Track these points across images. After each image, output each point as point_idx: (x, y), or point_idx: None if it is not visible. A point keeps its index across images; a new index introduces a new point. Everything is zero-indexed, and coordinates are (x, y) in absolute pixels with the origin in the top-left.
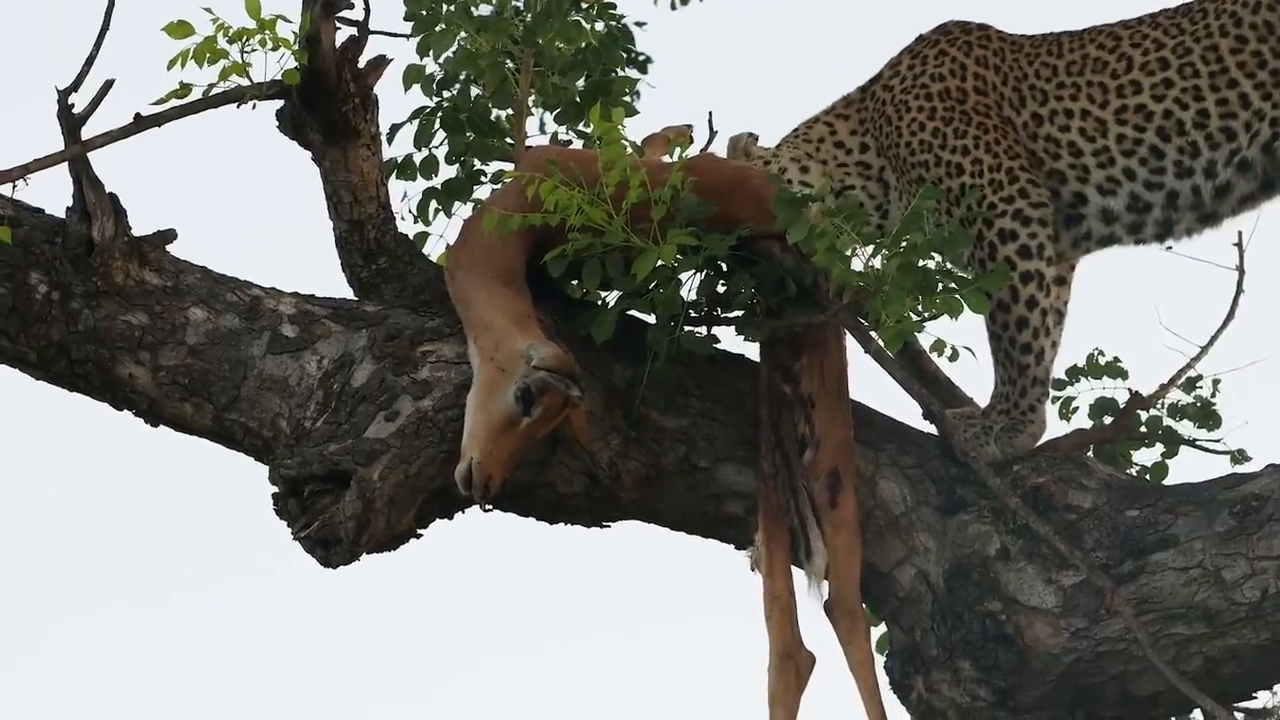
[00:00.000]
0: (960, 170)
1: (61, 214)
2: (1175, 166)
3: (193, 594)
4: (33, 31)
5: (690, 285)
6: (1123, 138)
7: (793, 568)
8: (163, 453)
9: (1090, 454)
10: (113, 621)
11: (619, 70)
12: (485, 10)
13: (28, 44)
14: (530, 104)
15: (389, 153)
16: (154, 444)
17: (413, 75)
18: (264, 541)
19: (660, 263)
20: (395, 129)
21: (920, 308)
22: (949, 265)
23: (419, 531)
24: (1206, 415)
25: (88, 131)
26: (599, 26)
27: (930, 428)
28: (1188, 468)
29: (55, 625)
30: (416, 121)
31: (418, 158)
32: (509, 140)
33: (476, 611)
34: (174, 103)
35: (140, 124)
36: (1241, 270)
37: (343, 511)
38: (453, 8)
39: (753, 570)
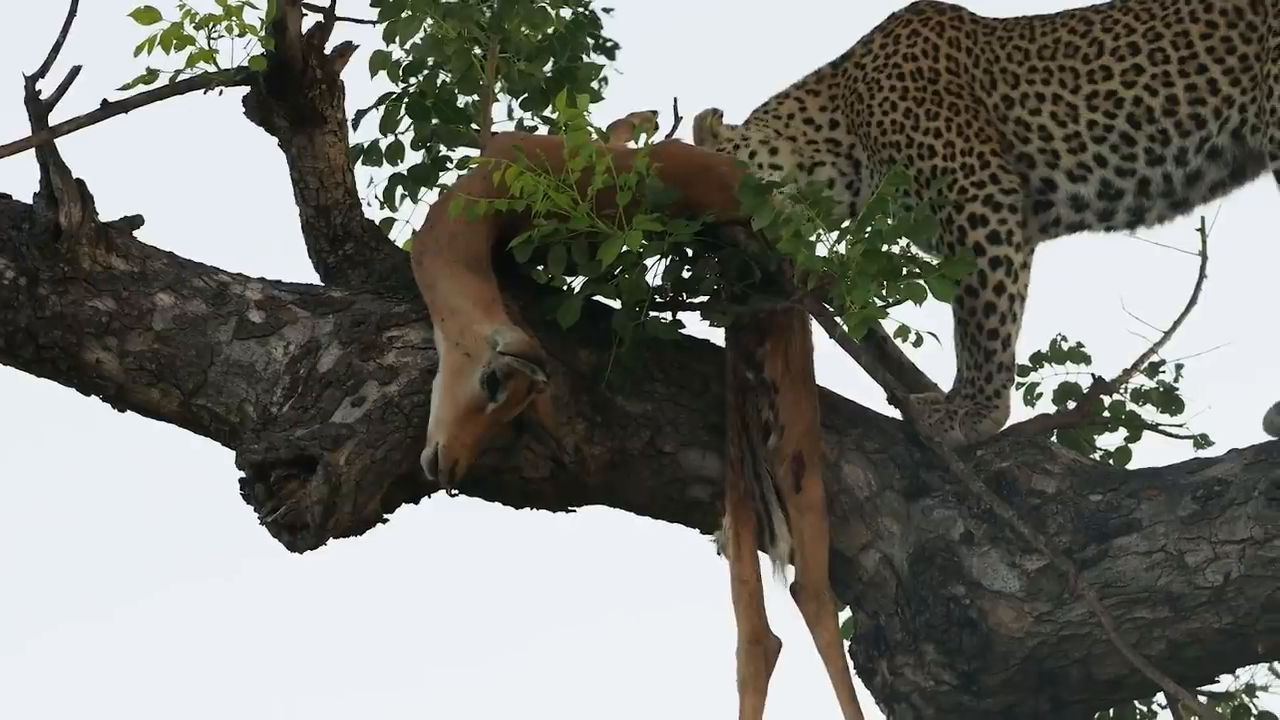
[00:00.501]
0: (932, 152)
1: (29, 199)
2: (1147, 154)
3: (159, 578)
4: None
5: (655, 271)
6: (1094, 123)
7: (759, 552)
8: (130, 440)
9: (1054, 439)
10: (85, 615)
11: (585, 56)
12: None
13: None
14: (496, 90)
15: (355, 138)
16: (121, 431)
17: (379, 61)
18: (231, 527)
19: (626, 248)
20: (361, 115)
21: (885, 294)
22: (914, 251)
23: (385, 516)
24: (1169, 400)
25: (55, 117)
26: (565, 13)
27: (895, 413)
28: (1151, 452)
29: (32, 623)
30: (383, 107)
31: (384, 143)
32: (475, 126)
33: (442, 596)
34: (141, 89)
35: (107, 110)
36: (1204, 256)
37: (309, 496)
38: None
39: (719, 555)
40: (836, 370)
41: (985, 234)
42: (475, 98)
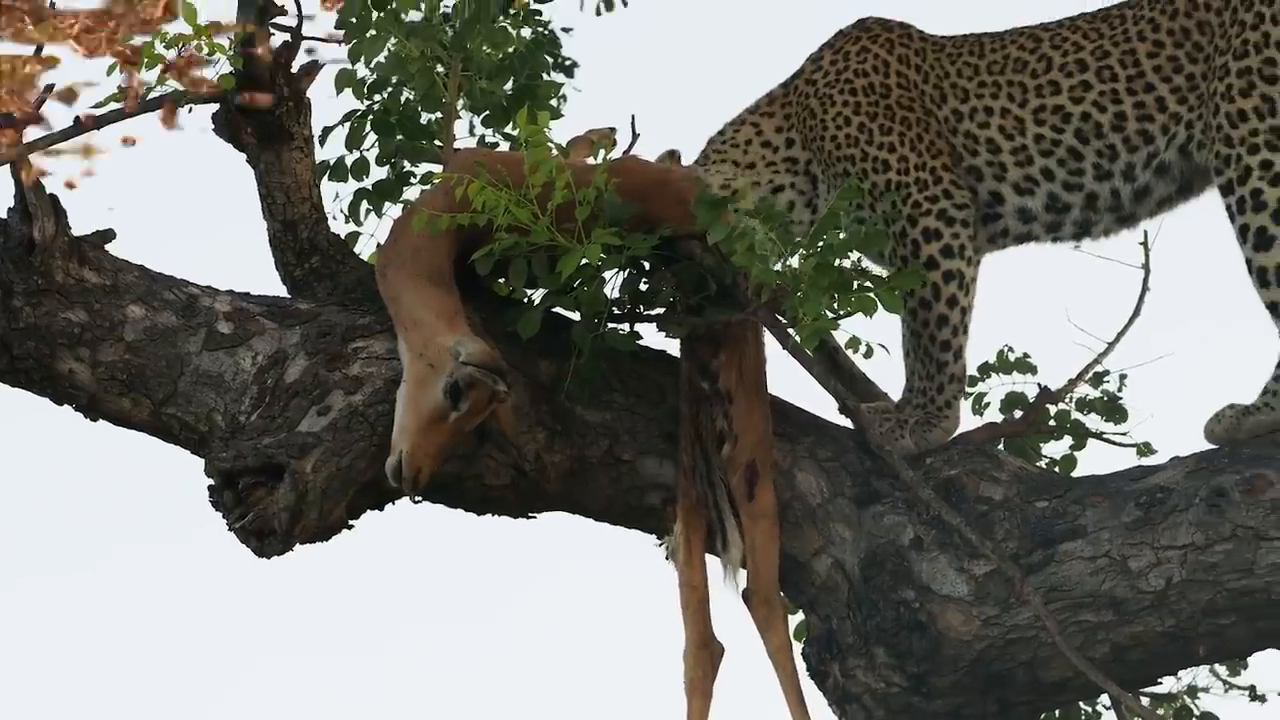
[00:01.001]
0: (886, 167)
1: (3, 214)
2: (1094, 169)
3: (128, 578)
4: None
5: (614, 283)
6: (1041, 138)
7: (710, 558)
8: (101, 448)
9: (1001, 447)
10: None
11: (545, 74)
12: (415, 17)
13: None
14: (459, 107)
15: (321, 155)
16: (93, 440)
17: (344, 79)
18: (200, 534)
19: (585, 261)
20: (327, 132)
21: (836, 306)
22: (865, 264)
23: (350, 523)
24: (1113, 409)
25: (28, 135)
26: (526, 32)
27: (847, 422)
28: (1095, 460)
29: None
30: (348, 124)
31: (349, 159)
32: (438, 143)
33: (403, 600)
34: (113, 106)
35: (80, 127)
36: (1147, 269)
37: (276, 503)
38: (383, 15)
39: (667, 560)
40: (789, 380)
41: (939, 248)
42: (438, 115)
